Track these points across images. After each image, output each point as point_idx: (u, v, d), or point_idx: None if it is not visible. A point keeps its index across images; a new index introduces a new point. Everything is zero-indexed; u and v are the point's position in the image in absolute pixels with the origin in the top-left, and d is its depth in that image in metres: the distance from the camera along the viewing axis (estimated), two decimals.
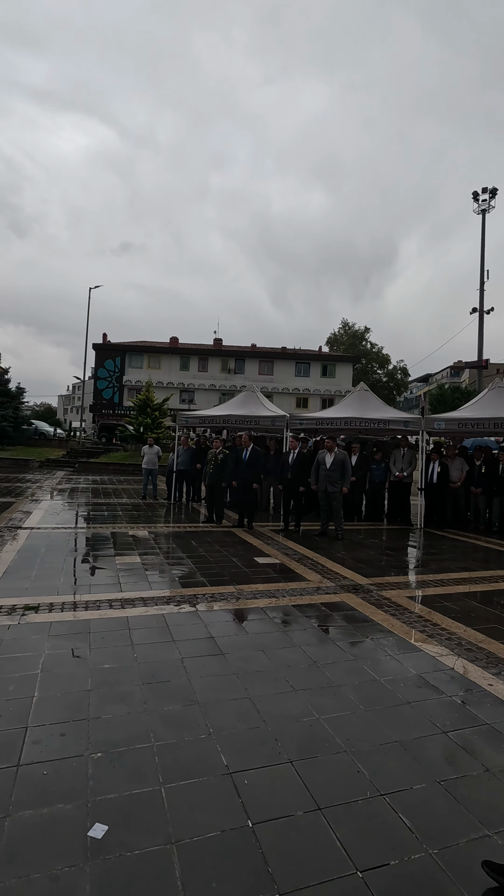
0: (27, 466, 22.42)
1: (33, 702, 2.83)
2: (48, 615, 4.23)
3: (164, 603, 4.69)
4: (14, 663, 3.29)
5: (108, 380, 44.55)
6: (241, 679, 3.22)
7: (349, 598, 5.13)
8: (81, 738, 2.50)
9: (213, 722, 2.70)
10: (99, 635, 3.83)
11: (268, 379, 44.37)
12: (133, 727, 2.62)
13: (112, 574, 5.66)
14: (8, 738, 2.48)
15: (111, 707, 2.81)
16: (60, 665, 3.31)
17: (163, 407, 26.81)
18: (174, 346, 46.24)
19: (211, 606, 4.66)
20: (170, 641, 3.79)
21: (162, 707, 2.83)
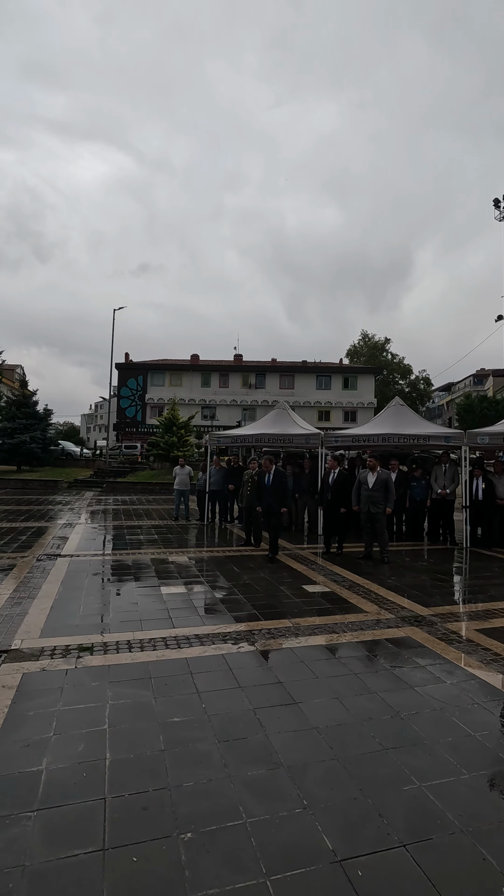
0: (56, 487, 22.60)
1: (107, 765, 2.62)
2: (104, 657, 4.04)
3: (221, 641, 4.46)
4: (80, 716, 3.10)
5: (130, 398, 45.06)
6: (323, 735, 2.96)
7: (414, 632, 4.82)
8: (166, 814, 2.28)
9: (306, 791, 2.45)
10: (161, 681, 3.62)
11: (289, 393, 44.24)
12: (219, 798, 2.39)
13: (161, 607, 5.46)
14: (89, 813, 2.27)
15: (190, 772, 2.59)
16: (127, 718, 3.10)
17: (188, 424, 26.84)
18: (195, 363, 46.59)
19: (270, 645, 4.41)
20: (236, 688, 3.55)
21: (245, 772, 2.59)
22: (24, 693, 3.39)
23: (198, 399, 44.29)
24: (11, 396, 28.66)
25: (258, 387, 45.55)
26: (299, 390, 45.09)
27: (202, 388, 45.37)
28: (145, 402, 44.67)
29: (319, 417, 43.60)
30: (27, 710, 3.17)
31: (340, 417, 44.32)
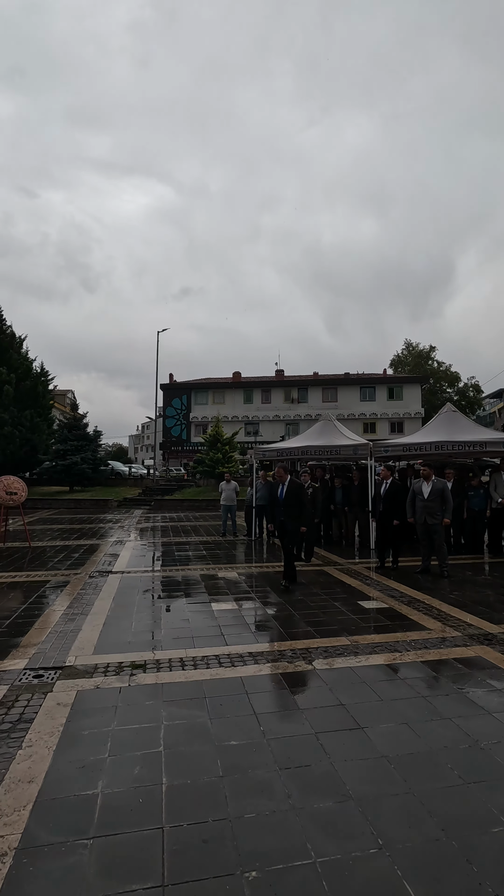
0: (107, 506, 23.15)
1: (163, 791, 2.48)
2: (157, 675, 3.94)
3: (276, 659, 4.27)
4: (135, 737, 2.99)
5: (175, 417, 45.94)
6: (394, 765, 2.70)
7: (485, 651, 4.44)
8: (228, 848, 2.11)
9: (380, 829, 2.21)
10: (216, 701, 3.46)
11: (332, 406, 43.73)
12: (284, 833, 2.19)
13: (212, 623, 5.33)
14: (146, 843, 2.13)
15: (251, 802, 2.40)
16: (183, 740, 2.96)
17: (232, 441, 26.96)
18: (237, 381, 47.03)
19: (329, 664, 4.17)
20: (295, 710, 3.35)
21: (311, 804, 2.38)
22: (79, 711, 3.33)
23: (241, 416, 44.56)
24: (63, 420, 29.86)
25: (301, 401, 45.33)
26: (343, 403, 44.48)
27: (245, 404, 45.65)
28: (190, 420, 45.40)
29: (365, 429, 42.76)
30: (82, 728, 3.09)
31: (386, 429, 43.29)
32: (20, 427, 23.96)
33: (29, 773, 2.62)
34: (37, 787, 2.51)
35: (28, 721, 3.19)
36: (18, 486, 10.85)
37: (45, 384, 26.86)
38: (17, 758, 2.77)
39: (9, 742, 2.94)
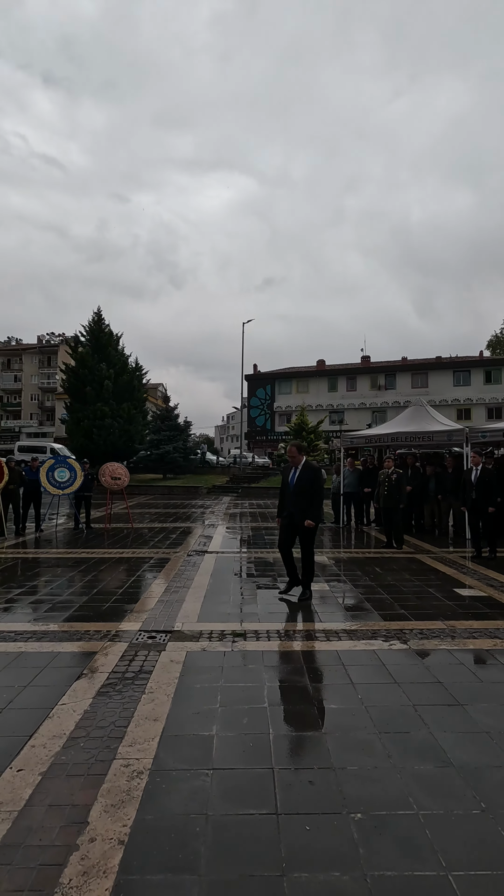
0: (197, 493, 24.28)
1: (270, 739, 2.73)
2: (257, 643, 4.22)
3: (370, 637, 4.37)
4: (241, 694, 3.28)
5: (260, 408, 46.65)
6: (496, 741, 2.72)
7: None
8: (332, 791, 2.30)
9: (483, 795, 2.27)
10: (313, 669, 3.66)
11: (422, 392, 41.76)
12: (386, 786, 2.34)
13: (306, 602, 5.53)
14: (259, 779, 2.39)
15: (353, 757, 2.57)
16: (285, 700, 3.20)
17: (317, 429, 26.90)
18: (321, 369, 46.58)
19: (423, 644, 4.19)
20: (392, 683, 3.44)
21: (412, 766, 2.50)
22: (190, 668, 3.69)
23: (325, 404, 44.15)
24: (156, 412, 31.67)
25: (388, 388, 43.88)
26: (434, 388, 42.33)
27: (329, 392, 45.15)
28: (273, 410, 45.87)
29: (458, 416, 40.38)
30: (194, 682, 3.44)
31: (483, 415, 40.55)
32: (118, 419, 25.83)
33: (153, 714, 3.00)
34: (161, 725, 2.87)
35: (147, 672, 3.61)
36: (122, 472, 11.82)
37: (140, 378, 28.65)
38: (142, 700, 3.17)
39: (133, 688, 3.36)
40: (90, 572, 6.97)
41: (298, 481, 5.53)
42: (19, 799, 2.24)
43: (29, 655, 3.89)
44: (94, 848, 1.96)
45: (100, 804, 2.21)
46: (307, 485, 5.48)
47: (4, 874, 1.84)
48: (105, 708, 3.07)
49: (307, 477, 5.53)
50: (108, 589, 6.05)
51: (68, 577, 6.66)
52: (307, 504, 5.46)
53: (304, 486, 5.49)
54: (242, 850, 1.95)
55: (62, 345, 51.11)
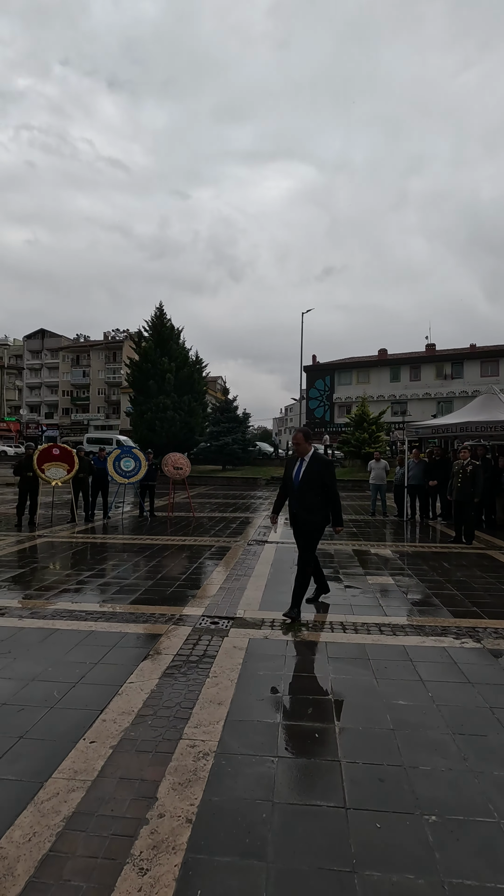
0: (256, 484, 24.40)
1: (336, 731, 2.66)
2: (319, 633, 4.15)
3: (440, 633, 4.16)
4: (305, 683, 3.23)
5: (318, 399, 46.03)
6: None
7: None
8: (404, 790, 2.19)
9: None
10: (380, 663, 3.53)
11: (493, 381, 39.31)
12: (462, 790, 2.20)
13: (369, 595, 5.38)
14: (326, 770, 2.33)
15: (425, 756, 2.44)
16: (350, 692, 3.11)
17: (379, 420, 26.16)
18: (382, 359, 45.16)
19: (500, 644, 3.93)
20: (465, 683, 3.25)
21: (490, 770, 2.34)
22: (252, 655, 3.69)
23: (387, 395, 42.81)
24: (216, 404, 32.11)
25: (455, 377, 41.77)
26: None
27: (391, 383, 43.70)
28: (333, 401, 45.11)
29: None
30: (257, 669, 3.43)
31: None
32: (180, 411, 26.43)
33: (217, 697, 3.02)
34: (225, 710, 2.88)
35: (210, 657, 3.64)
36: (183, 462, 12.07)
37: (200, 371, 29.10)
38: (206, 684, 3.20)
39: (197, 671, 3.40)
40: (154, 558, 7.17)
41: (305, 475, 4.74)
42: (92, 769, 2.33)
43: (99, 634, 4.05)
44: (162, 824, 1.99)
45: (167, 781, 2.25)
46: (315, 479, 4.71)
47: (80, 841, 1.90)
48: (170, 689, 3.13)
49: (315, 470, 4.73)
50: (171, 574, 6.20)
51: (134, 562, 6.90)
52: (317, 501, 4.71)
53: (311, 481, 4.70)
54: (311, 841, 1.90)
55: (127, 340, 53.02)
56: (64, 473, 10.23)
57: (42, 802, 2.10)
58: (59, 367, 63.23)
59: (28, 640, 3.92)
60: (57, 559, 7.08)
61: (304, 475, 4.73)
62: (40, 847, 1.86)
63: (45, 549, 7.78)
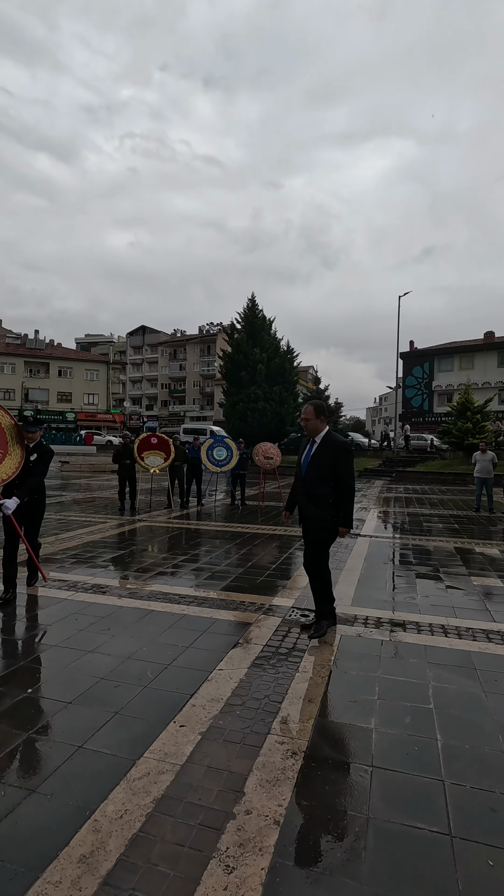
0: None
1: (439, 747, 2.41)
2: (418, 636, 3.85)
3: None
4: (402, 689, 2.99)
5: (416, 387, 43.65)
6: None
7: None
8: None
9: None
10: (489, 675, 3.18)
11: None
12: None
13: (475, 597, 4.91)
14: (427, 789, 2.11)
15: None
16: (454, 704, 2.82)
17: (484, 409, 24.15)
18: (489, 342, 41.54)
19: None
20: None
21: None
22: (344, 653, 3.51)
23: (493, 381, 39.37)
24: (307, 394, 31.77)
25: None
26: None
27: (499, 368, 40.07)
28: (432, 389, 42.49)
29: None
30: (349, 668, 3.26)
31: None
32: (271, 401, 26.54)
33: (307, 694, 2.90)
34: (315, 707, 2.76)
35: (300, 651, 3.53)
36: (274, 452, 12.05)
37: (291, 361, 28.95)
38: (295, 678, 3.10)
39: (287, 664, 3.31)
40: (245, 546, 7.22)
41: (314, 461, 3.81)
42: (181, 754, 2.33)
43: (191, 619, 4.12)
44: (249, 821, 1.92)
45: (255, 777, 2.18)
46: (325, 466, 3.75)
47: (168, 826, 1.90)
48: (259, 680, 3.07)
49: (326, 455, 3.77)
50: (261, 563, 6.18)
51: (225, 549, 7.00)
52: (325, 492, 3.75)
53: (320, 468, 3.77)
54: (411, 868, 1.72)
55: (220, 333, 54.35)
56: (161, 461, 10.70)
57: (133, 780, 2.14)
58: (158, 361, 66.69)
59: (126, 618, 4.11)
60: (154, 543, 7.42)
61: (313, 460, 3.83)
62: (131, 826, 1.89)
63: (144, 533, 8.19)
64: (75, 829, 1.87)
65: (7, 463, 4.66)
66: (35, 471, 4.78)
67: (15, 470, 4.67)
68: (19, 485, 4.66)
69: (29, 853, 1.77)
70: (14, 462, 4.70)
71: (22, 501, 4.57)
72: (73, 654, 3.38)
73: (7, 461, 4.66)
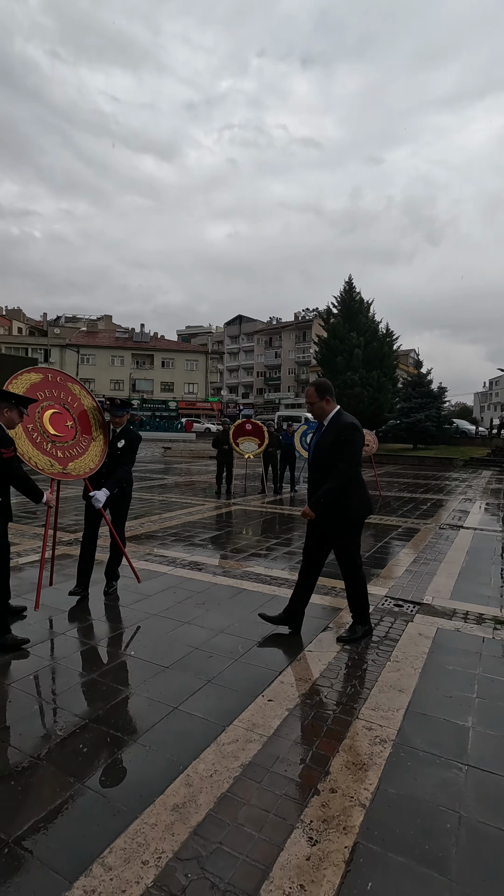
0: (451, 465, 22.38)
1: None
2: None
3: None
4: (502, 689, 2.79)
5: None
6: None
7: None
8: None
9: None
10: None
11: None
12: None
13: None
14: None
15: None
16: None
17: None
18: None
19: None
20: None
21: None
22: (441, 646, 3.34)
23: None
24: (407, 378, 30.26)
25: None
26: None
27: None
28: None
29: None
30: (445, 663, 3.10)
31: None
32: (368, 387, 25.71)
33: (398, 684, 2.82)
34: (406, 698, 2.67)
35: (392, 640, 3.43)
36: (370, 439, 11.69)
37: (391, 345, 27.72)
38: (386, 667, 3.02)
39: (378, 652, 3.24)
40: None
41: (319, 446, 3.38)
42: (269, 726, 2.39)
43: (281, 599, 4.18)
44: (334, 799, 1.93)
45: (340, 758, 2.17)
46: (329, 454, 3.29)
47: (254, 791, 1.97)
48: (349, 665, 3.04)
49: (329, 441, 3.30)
50: None
51: None
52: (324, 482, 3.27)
53: (325, 456, 3.32)
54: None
55: (315, 319, 53.65)
56: (255, 447, 10.91)
57: (223, 745, 2.24)
58: (254, 350, 67.70)
59: (219, 595, 4.28)
60: (248, 526, 7.62)
61: (318, 446, 3.39)
62: (220, 786, 1.99)
63: (239, 516, 8.44)
64: (169, 780, 2.01)
65: (93, 450, 4.22)
66: (123, 459, 4.29)
67: (101, 458, 4.24)
68: (106, 474, 4.24)
69: (130, 795, 1.94)
70: (99, 449, 4.27)
71: (112, 493, 4.13)
72: (171, 624, 3.61)
73: (93, 448, 4.22)
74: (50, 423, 4.00)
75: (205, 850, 1.68)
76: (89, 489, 4.11)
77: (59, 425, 4.06)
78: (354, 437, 3.27)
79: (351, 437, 3.26)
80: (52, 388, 4.15)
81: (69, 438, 4.09)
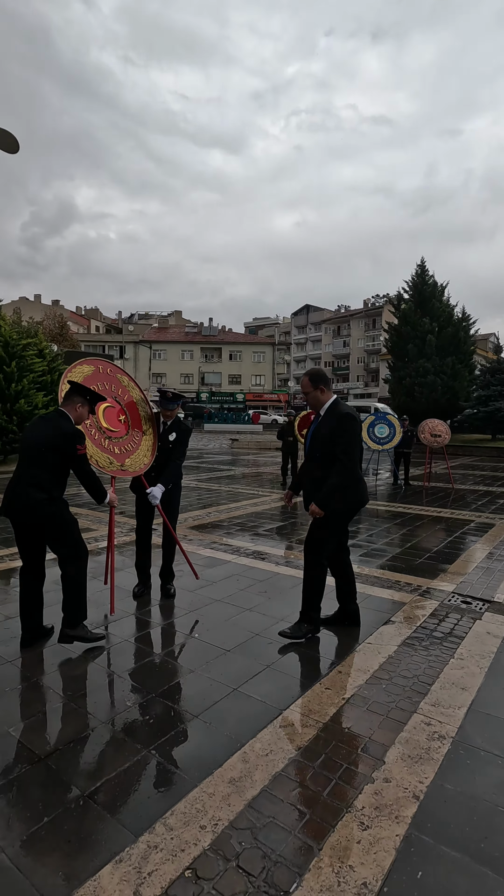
0: None
1: None
2: None
3: None
4: None
5: None
6: None
7: None
8: None
9: None
10: None
11: None
12: None
13: None
14: None
15: None
16: None
17: None
18: None
19: None
20: None
21: None
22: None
23: None
24: (486, 365, 28.45)
25: None
26: None
27: None
28: None
29: None
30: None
31: None
32: (442, 375, 24.47)
33: (461, 682, 2.75)
34: (469, 696, 2.60)
35: (458, 637, 3.33)
36: (442, 429, 11.21)
37: (467, 329, 26.15)
38: (449, 664, 2.95)
39: (441, 648, 3.16)
40: (405, 527, 6.95)
41: (315, 436, 3.32)
42: (324, 713, 2.44)
43: None
44: (388, 789, 1.94)
45: (396, 750, 2.17)
46: (325, 444, 3.21)
47: (308, 773, 2.03)
48: (409, 659, 3.00)
49: (325, 432, 3.22)
50: (422, 545, 5.90)
51: (384, 528, 6.84)
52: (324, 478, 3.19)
53: (322, 444, 3.23)
54: None
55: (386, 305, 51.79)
56: None
57: (279, 727, 2.32)
58: (321, 339, 66.73)
59: (281, 584, 4.36)
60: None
61: (314, 436, 3.33)
62: (275, 765, 2.07)
63: (303, 508, 8.46)
64: (227, 755, 2.13)
65: (145, 444, 4.02)
66: (175, 453, 4.08)
67: (153, 452, 4.05)
68: (157, 468, 4.06)
69: (190, 764, 2.08)
70: (150, 443, 4.07)
71: (166, 489, 3.95)
72: (234, 610, 3.75)
73: (144, 442, 4.02)
74: (104, 417, 3.83)
75: (259, 823, 1.77)
76: (146, 486, 3.93)
77: (113, 420, 3.89)
78: (352, 424, 3.19)
79: (351, 425, 3.18)
80: (103, 380, 3.94)
81: (123, 433, 3.92)
